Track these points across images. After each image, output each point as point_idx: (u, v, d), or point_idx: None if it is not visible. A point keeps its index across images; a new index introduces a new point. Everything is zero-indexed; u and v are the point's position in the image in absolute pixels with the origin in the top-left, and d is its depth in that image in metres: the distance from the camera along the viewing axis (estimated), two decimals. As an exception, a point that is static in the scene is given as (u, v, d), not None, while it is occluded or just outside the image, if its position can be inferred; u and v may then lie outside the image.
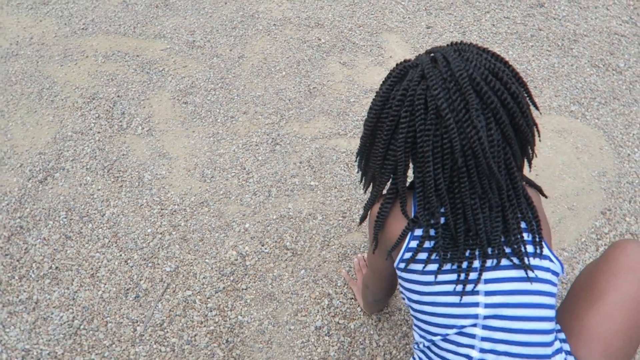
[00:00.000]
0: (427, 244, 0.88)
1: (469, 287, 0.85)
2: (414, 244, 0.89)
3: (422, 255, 0.89)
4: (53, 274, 1.52)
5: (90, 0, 2.46)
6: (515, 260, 0.85)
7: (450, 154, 0.78)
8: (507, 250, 0.85)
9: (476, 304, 0.85)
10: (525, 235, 0.87)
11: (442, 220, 0.86)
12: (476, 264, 0.85)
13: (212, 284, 1.49)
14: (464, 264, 0.85)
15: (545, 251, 0.88)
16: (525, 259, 0.85)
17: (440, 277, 0.87)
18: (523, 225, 0.87)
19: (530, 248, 0.86)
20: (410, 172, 0.87)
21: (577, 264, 1.52)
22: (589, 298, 0.97)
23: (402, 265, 0.92)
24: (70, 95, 2.03)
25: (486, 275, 0.85)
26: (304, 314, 1.43)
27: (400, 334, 1.39)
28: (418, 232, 0.89)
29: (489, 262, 0.85)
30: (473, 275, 0.85)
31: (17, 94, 2.03)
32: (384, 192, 0.94)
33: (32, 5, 2.47)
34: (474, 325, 0.85)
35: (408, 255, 0.90)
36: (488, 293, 0.84)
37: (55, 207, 1.67)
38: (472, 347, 0.85)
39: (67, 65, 2.14)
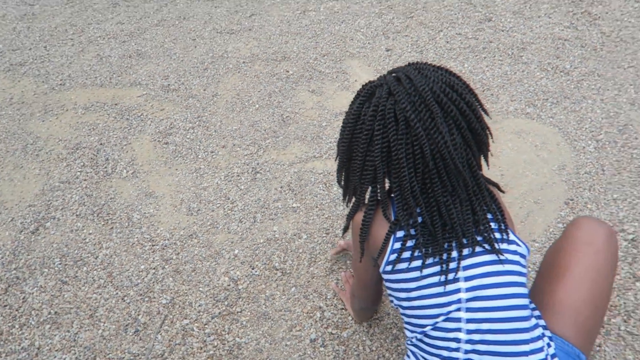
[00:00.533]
0: (409, 243, 0.98)
1: (451, 275, 0.94)
2: (397, 245, 0.99)
3: (406, 254, 0.98)
4: (52, 319, 1.56)
5: (66, 57, 2.57)
6: (487, 246, 0.95)
7: (422, 158, 0.90)
8: (479, 238, 0.96)
9: (458, 290, 0.94)
10: (492, 224, 0.98)
11: (420, 219, 0.97)
12: (454, 254, 0.95)
13: (208, 311, 1.56)
14: (444, 256, 0.95)
15: (511, 236, 0.99)
16: (496, 245, 0.95)
17: (425, 271, 0.97)
18: (489, 216, 0.98)
19: (497, 235, 0.97)
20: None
21: (547, 252, 1.63)
22: (556, 275, 1.08)
23: (388, 267, 1.01)
24: (54, 147, 2.11)
25: (464, 262, 0.95)
26: (298, 329, 1.50)
27: (391, 337, 1.47)
28: (400, 233, 0.99)
29: (465, 251, 0.95)
30: (453, 265, 0.95)
31: (2, 152, 2.11)
32: (365, 201, 1.05)
33: (8, 67, 2.57)
34: (459, 309, 0.94)
35: (393, 256, 0.99)
36: (467, 278, 0.94)
37: (49, 255, 1.73)
38: (459, 330, 0.94)
39: (49, 120, 2.23)
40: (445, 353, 0.96)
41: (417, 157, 0.90)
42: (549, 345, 0.97)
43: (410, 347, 1.06)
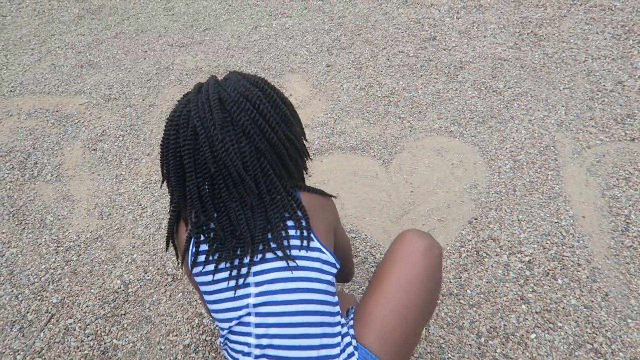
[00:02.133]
0: (202, 247, 1.00)
1: (241, 280, 0.96)
2: (194, 248, 1.01)
3: (202, 258, 1.01)
4: (-54, 312, 1.63)
5: (22, 66, 2.70)
6: (279, 253, 0.97)
7: (206, 165, 0.93)
8: (273, 245, 0.97)
9: (248, 295, 0.96)
10: (293, 231, 0.99)
11: (212, 225, 0.99)
12: (246, 260, 0.97)
13: (93, 312, 1.59)
14: (236, 261, 0.97)
15: (315, 244, 1.00)
16: (287, 251, 0.96)
17: (218, 276, 0.99)
18: (291, 223, 1.00)
19: (297, 242, 0.98)
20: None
21: (437, 270, 1.61)
22: (372, 286, 1.09)
23: (191, 270, 1.03)
24: (-9, 150, 2.21)
25: (255, 268, 0.96)
26: (175, 334, 1.52)
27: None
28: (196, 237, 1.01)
29: (256, 257, 0.97)
30: (244, 270, 0.96)
31: (-57, 153, 2.22)
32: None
33: (-28, 73, 2.70)
34: (248, 314, 0.95)
35: (191, 259, 1.02)
36: (257, 284, 0.96)
37: (-42, 252, 1.80)
38: (249, 334, 0.95)
39: (-7, 124, 2.34)
40: (240, 357, 0.97)
41: (203, 163, 0.93)
42: (351, 355, 0.97)
43: (224, 348, 1.08)
